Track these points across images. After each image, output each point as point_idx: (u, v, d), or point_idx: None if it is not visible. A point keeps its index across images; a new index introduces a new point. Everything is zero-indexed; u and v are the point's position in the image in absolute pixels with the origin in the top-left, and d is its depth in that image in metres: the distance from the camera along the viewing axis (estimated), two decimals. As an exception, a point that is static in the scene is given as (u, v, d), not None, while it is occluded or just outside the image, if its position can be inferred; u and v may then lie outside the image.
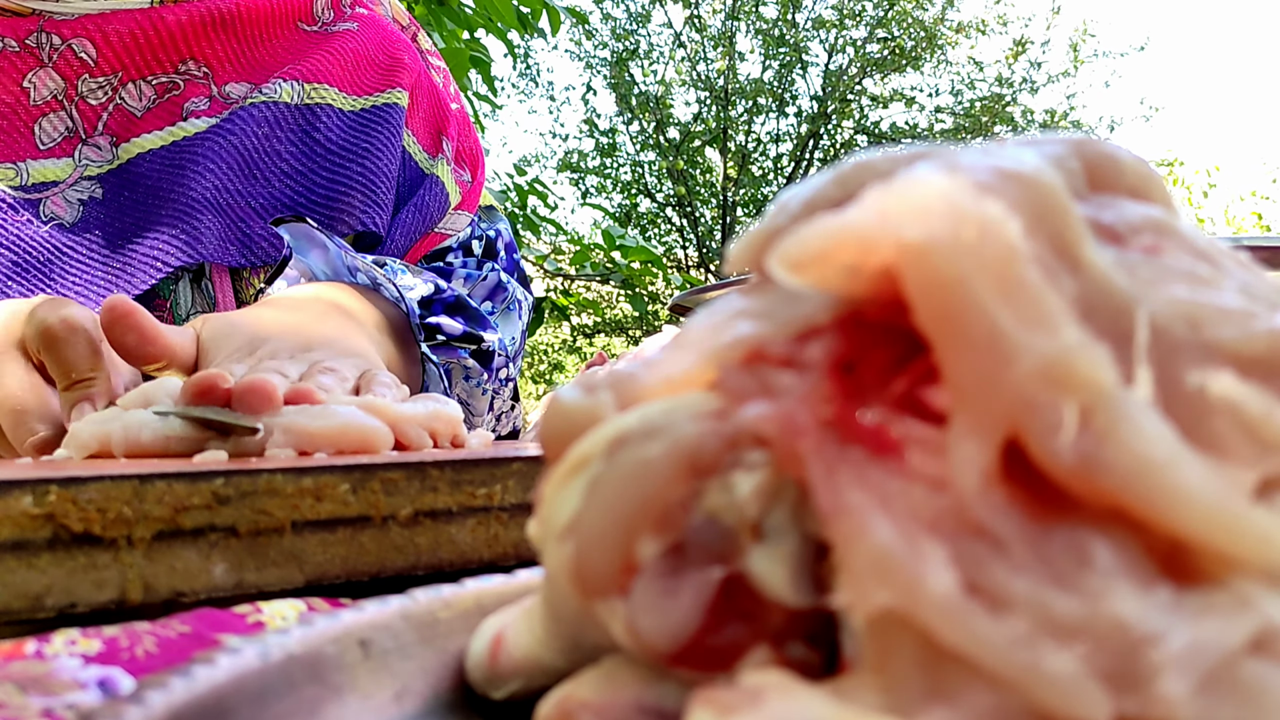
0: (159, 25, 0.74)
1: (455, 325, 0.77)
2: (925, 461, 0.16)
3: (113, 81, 0.74)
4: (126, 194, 0.73)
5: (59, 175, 0.72)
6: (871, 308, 0.18)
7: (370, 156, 0.80)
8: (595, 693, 0.19)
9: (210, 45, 0.76)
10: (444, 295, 0.78)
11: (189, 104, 0.75)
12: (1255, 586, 0.15)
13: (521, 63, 10.28)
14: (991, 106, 10.46)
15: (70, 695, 0.23)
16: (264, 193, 0.75)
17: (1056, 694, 0.14)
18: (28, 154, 0.71)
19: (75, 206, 0.72)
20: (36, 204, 0.71)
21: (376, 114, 0.82)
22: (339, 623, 0.23)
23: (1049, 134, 0.22)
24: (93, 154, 0.73)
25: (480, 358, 0.79)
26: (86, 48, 0.73)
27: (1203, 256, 0.19)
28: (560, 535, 0.19)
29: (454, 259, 0.88)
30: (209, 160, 0.74)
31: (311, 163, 0.78)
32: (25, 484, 0.29)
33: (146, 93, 0.75)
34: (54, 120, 0.72)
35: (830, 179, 0.21)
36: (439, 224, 0.87)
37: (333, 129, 0.79)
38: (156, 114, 0.75)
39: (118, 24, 0.73)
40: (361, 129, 0.80)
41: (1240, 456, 0.16)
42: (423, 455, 0.40)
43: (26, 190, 0.71)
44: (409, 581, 0.33)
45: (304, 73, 0.79)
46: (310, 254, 0.74)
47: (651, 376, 0.20)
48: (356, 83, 0.82)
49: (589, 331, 9.97)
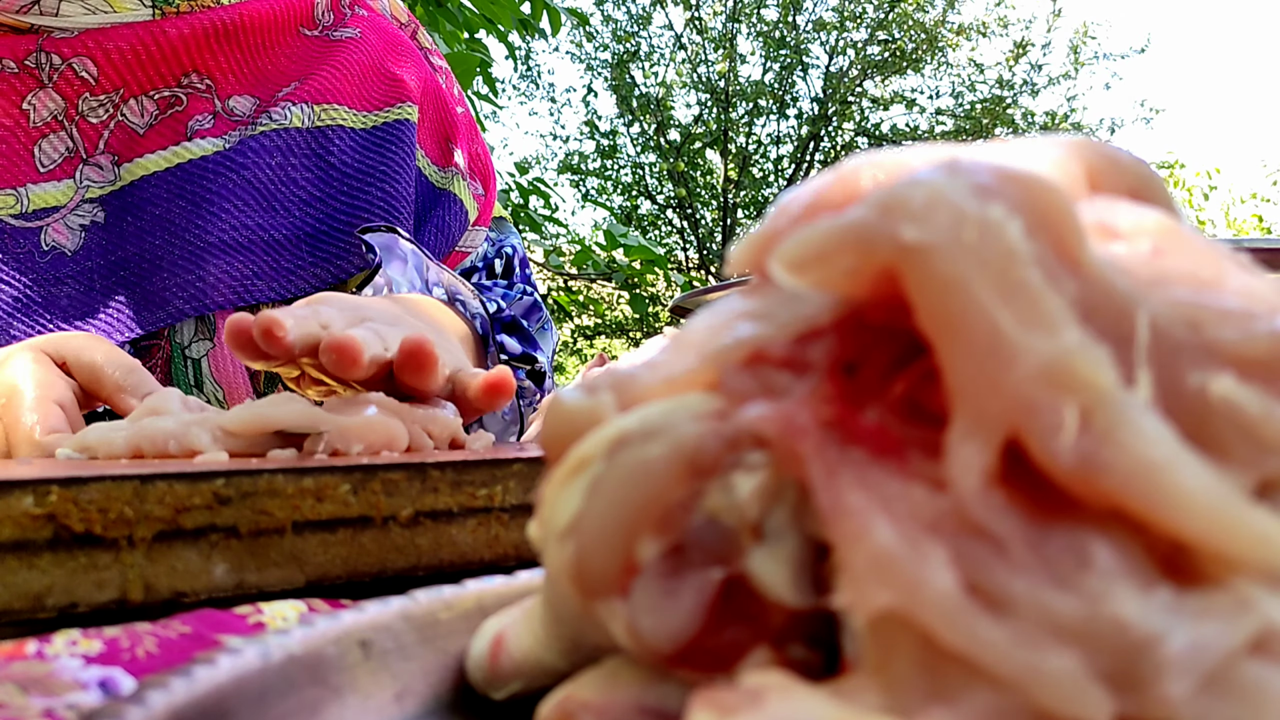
0: (160, 39, 0.72)
1: (515, 345, 0.77)
2: (925, 463, 0.16)
3: (114, 99, 0.72)
4: (130, 219, 0.71)
5: (59, 200, 0.70)
6: (872, 309, 0.18)
7: (389, 180, 0.78)
8: (596, 693, 0.19)
9: (213, 56, 0.75)
10: (503, 315, 0.78)
11: (193, 121, 0.74)
12: (1255, 587, 0.15)
13: (522, 64, 10.29)
14: (992, 109, 10.46)
15: (71, 695, 0.23)
16: (285, 224, 0.74)
17: (1057, 694, 0.14)
18: (28, 178, 0.70)
19: (77, 233, 0.70)
20: (37, 233, 0.69)
21: (388, 132, 0.81)
22: (340, 623, 0.23)
23: (1049, 136, 0.22)
24: (94, 174, 0.71)
25: (534, 378, 0.80)
26: (87, 66, 0.71)
27: (1203, 258, 0.19)
28: (561, 536, 0.19)
29: (481, 279, 0.88)
30: (222, 199, 0.72)
31: (329, 188, 0.76)
32: (26, 484, 0.29)
33: (149, 108, 0.73)
34: (54, 141, 0.71)
35: (831, 181, 0.21)
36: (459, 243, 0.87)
37: (346, 150, 0.78)
38: (160, 131, 0.73)
39: (119, 40, 0.72)
40: (375, 149, 0.79)
41: (1240, 458, 0.16)
42: (424, 456, 0.40)
43: (27, 218, 0.69)
44: (410, 582, 0.33)
45: (311, 93, 0.78)
46: (391, 265, 0.73)
47: (652, 377, 0.20)
48: (365, 97, 0.81)
49: (589, 333, 9.98)
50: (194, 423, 0.42)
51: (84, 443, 0.43)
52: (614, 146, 10.76)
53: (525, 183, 3.73)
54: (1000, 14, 10.62)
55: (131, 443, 0.42)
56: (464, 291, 0.75)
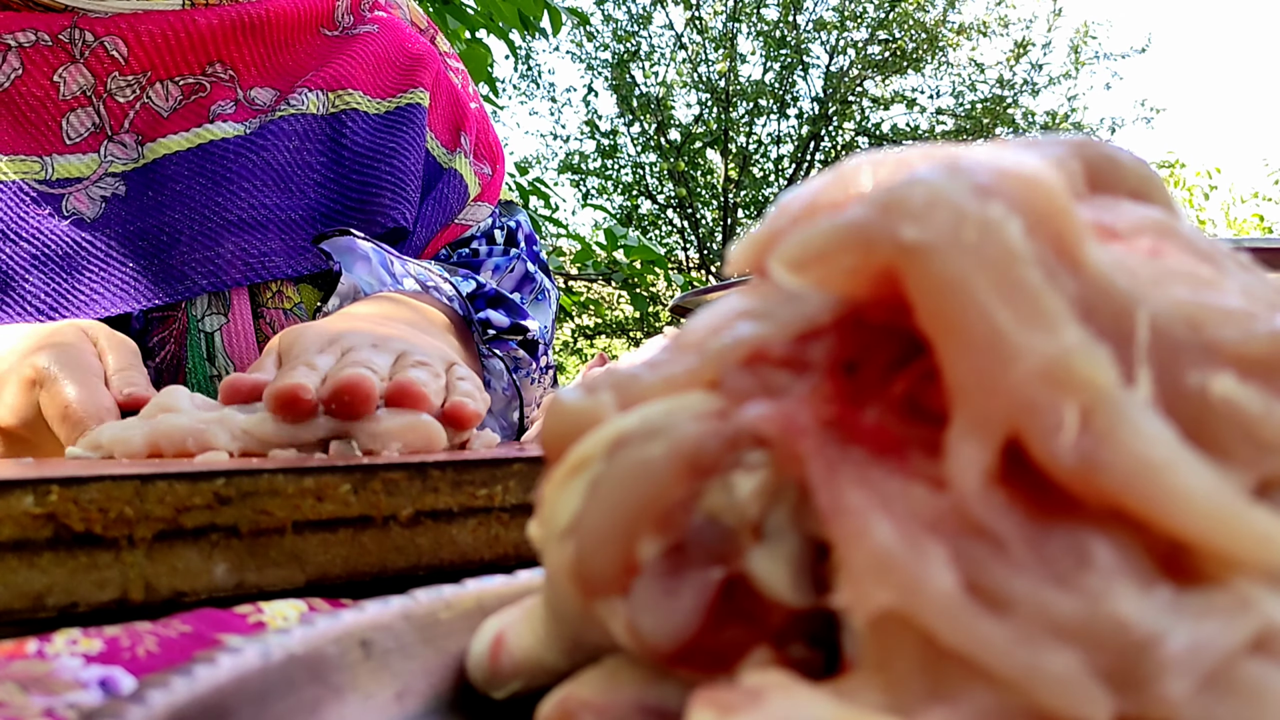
0: (190, 27, 0.75)
1: (502, 318, 0.78)
2: (925, 462, 0.16)
3: (141, 80, 0.74)
4: (151, 194, 0.73)
5: (83, 171, 0.73)
6: (872, 308, 0.18)
7: (398, 156, 0.81)
8: (596, 693, 0.19)
9: (238, 49, 0.77)
10: (485, 290, 0.79)
11: (215, 106, 0.76)
12: (1255, 587, 0.15)
13: (523, 64, 10.29)
14: (992, 108, 10.45)
15: (71, 695, 0.23)
16: (300, 204, 0.76)
17: (1057, 694, 0.14)
18: (54, 148, 0.72)
19: (97, 203, 0.72)
20: (59, 199, 0.72)
21: (401, 115, 0.83)
22: (340, 623, 0.23)
23: (1050, 135, 0.22)
24: (118, 150, 0.74)
25: (527, 347, 0.81)
26: (118, 45, 0.74)
27: (1203, 258, 0.19)
28: (561, 535, 0.19)
29: (479, 245, 0.90)
30: (241, 179, 0.74)
31: (341, 168, 0.78)
32: (27, 484, 0.29)
33: (173, 93, 0.75)
34: (81, 115, 0.73)
35: (831, 180, 0.21)
36: (459, 215, 0.88)
37: (359, 133, 0.80)
38: (183, 114, 0.75)
39: (150, 24, 0.74)
40: (388, 130, 0.82)
41: (1240, 457, 0.16)
42: (424, 456, 0.40)
43: (50, 185, 0.72)
44: (410, 582, 0.33)
45: (328, 79, 0.80)
46: (355, 267, 0.74)
47: (652, 377, 0.20)
48: (379, 84, 0.83)
49: (590, 333, 9.97)
50: (213, 420, 0.42)
51: (96, 441, 0.43)
52: (614, 146, 10.76)
53: (526, 183, 3.73)
54: (1001, 13, 10.62)
55: (150, 440, 0.42)
56: (434, 277, 0.76)
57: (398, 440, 0.43)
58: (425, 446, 0.44)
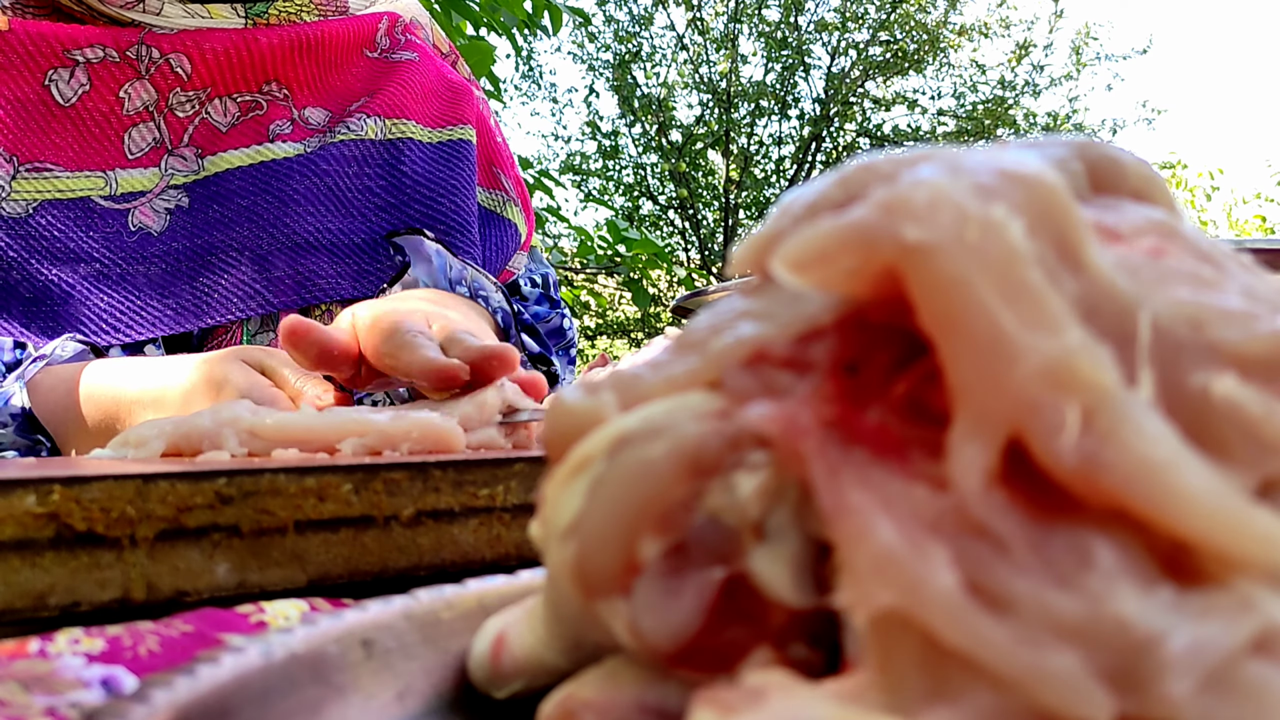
0: (252, 45, 0.77)
1: (533, 345, 0.81)
2: (927, 462, 0.16)
3: (200, 96, 0.77)
4: (216, 207, 0.75)
5: (146, 185, 0.74)
6: (874, 309, 0.18)
7: (459, 194, 0.83)
8: (597, 692, 0.19)
9: (293, 69, 0.80)
10: (523, 316, 0.82)
11: (273, 126, 0.78)
12: (1257, 587, 0.15)
13: (524, 64, 10.29)
14: (994, 109, 10.44)
15: (73, 694, 0.23)
16: (362, 228, 0.78)
17: (1058, 694, 0.14)
18: (116, 163, 0.74)
19: (163, 215, 0.74)
20: (125, 214, 0.73)
21: (453, 149, 0.85)
22: (342, 622, 0.23)
23: (1052, 137, 0.22)
24: (178, 164, 0.75)
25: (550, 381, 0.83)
26: (183, 62, 0.76)
27: (1205, 258, 0.19)
28: (562, 535, 0.19)
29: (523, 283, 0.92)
30: (306, 200, 0.76)
31: (402, 195, 0.81)
32: (28, 483, 0.29)
33: (231, 109, 0.78)
34: (142, 130, 0.75)
35: (833, 181, 0.21)
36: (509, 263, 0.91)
37: (417, 161, 0.82)
38: (241, 130, 0.77)
39: (214, 42, 0.76)
40: (443, 162, 0.84)
41: (1242, 457, 0.16)
42: (425, 456, 0.40)
43: (115, 200, 0.73)
44: (411, 581, 0.33)
45: (384, 106, 0.82)
46: (418, 267, 0.77)
47: (654, 377, 0.20)
48: (429, 114, 0.86)
49: (591, 333, 9.98)
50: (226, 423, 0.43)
51: (125, 439, 0.44)
52: (616, 147, 10.76)
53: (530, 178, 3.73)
54: (1002, 15, 10.60)
55: (171, 440, 0.43)
56: (487, 286, 0.78)
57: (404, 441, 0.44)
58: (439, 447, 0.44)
